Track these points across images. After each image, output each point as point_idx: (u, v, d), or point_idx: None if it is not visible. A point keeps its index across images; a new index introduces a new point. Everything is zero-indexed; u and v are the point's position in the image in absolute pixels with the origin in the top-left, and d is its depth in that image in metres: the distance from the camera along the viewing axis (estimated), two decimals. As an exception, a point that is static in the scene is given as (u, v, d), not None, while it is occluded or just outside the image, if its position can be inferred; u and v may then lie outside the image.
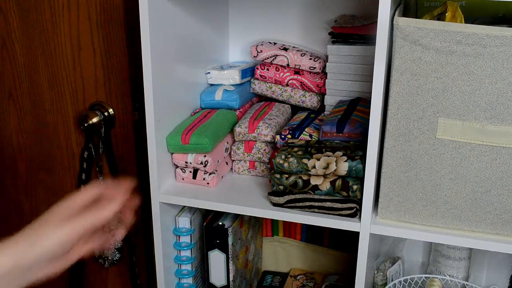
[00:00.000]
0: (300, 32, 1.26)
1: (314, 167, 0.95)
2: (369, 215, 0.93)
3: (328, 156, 0.95)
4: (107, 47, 1.31)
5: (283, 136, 1.07)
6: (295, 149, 0.99)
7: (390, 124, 0.88)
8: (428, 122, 0.86)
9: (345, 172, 0.94)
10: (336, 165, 0.94)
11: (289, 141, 1.06)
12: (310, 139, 1.07)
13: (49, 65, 1.37)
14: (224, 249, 1.12)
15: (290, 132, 1.08)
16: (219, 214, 1.16)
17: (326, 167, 0.94)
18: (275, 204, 0.99)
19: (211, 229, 1.12)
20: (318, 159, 0.95)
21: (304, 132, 1.08)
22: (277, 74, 1.20)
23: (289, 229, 1.34)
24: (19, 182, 1.52)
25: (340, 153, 0.96)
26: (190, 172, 1.09)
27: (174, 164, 1.10)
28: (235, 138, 1.12)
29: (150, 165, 1.04)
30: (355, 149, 0.98)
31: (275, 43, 1.23)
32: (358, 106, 1.09)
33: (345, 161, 0.94)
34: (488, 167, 0.86)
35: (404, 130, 0.87)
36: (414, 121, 0.86)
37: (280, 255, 1.37)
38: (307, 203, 0.97)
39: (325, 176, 0.95)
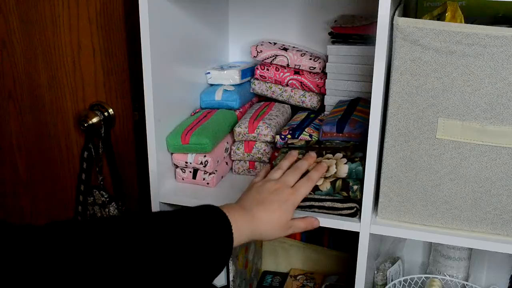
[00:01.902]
0: (300, 32, 1.26)
1: (314, 167, 0.95)
2: (369, 215, 0.93)
3: (328, 159, 0.95)
4: (107, 47, 1.31)
5: (283, 136, 1.07)
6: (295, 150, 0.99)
7: (390, 124, 0.88)
8: (428, 122, 0.86)
9: (345, 175, 0.94)
10: (336, 168, 0.94)
11: (289, 141, 1.06)
12: (310, 139, 1.07)
13: (49, 65, 1.37)
14: (224, 249, 1.12)
15: (290, 132, 1.08)
16: (219, 214, 1.16)
17: (327, 170, 0.94)
18: (275, 204, 0.99)
19: (211, 229, 1.12)
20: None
21: (304, 132, 1.08)
22: (277, 74, 1.20)
23: (289, 229, 1.33)
24: (19, 182, 1.52)
25: (340, 155, 0.96)
26: (190, 172, 1.09)
27: (174, 164, 1.10)
28: (235, 138, 1.12)
29: (150, 165, 1.04)
30: (355, 149, 0.98)
31: (275, 43, 1.23)
32: (358, 106, 1.09)
33: (345, 163, 0.94)
34: (488, 167, 0.86)
35: (404, 130, 0.87)
36: (414, 121, 0.86)
37: (280, 255, 1.36)
38: (307, 203, 0.96)
39: (325, 177, 0.95)
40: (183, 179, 1.10)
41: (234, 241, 0.76)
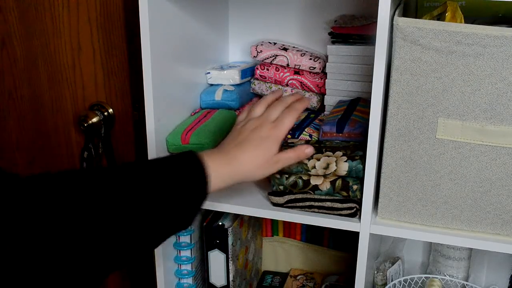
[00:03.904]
0: (300, 32, 1.26)
1: (314, 167, 0.95)
2: (369, 215, 0.93)
3: (328, 156, 0.95)
4: (107, 47, 1.31)
5: (283, 136, 1.07)
6: (295, 149, 0.99)
7: (390, 124, 0.88)
8: (428, 122, 0.86)
9: (345, 173, 0.94)
10: (336, 165, 0.94)
11: (289, 141, 1.06)
12: (310, 139, 1.07)
13: (49, 65, 1.37)
14: (224, 249, 1.12)
15: (290, 132, 1.08)
16: (219, 214, 1.16)
17: (326, 167, 0.94)
18: (275, 204, 0.99)
19: (211, 229, 1.12)
20: (318, 159, 0.95)
21: (304, 132, 1.08)
22: (277, 74, 1.20)
23: (289, 229, 1.34)
24: (19, 182, 1.52)
25: (340, 153, 0.96)
26: (190, 172, 1.09)
27: (174, 164, 1.10)
28: (235, 138, 1.12)
29: (150, 165, 1.04)
30: (355, 149, 0.98)
31: (275, 43, 1.23)
32: (358, 106, 1.09)
33: (345, 161, 0.94)
34: (488, 167, 0.86)
35: (404, 130, 0.87)
36: (414, 121, 0.86)
37: (280, 255, 1.37)
38: (307, 203, 0.96)
39: (325, 176, 0.95)
40: (183, 179, 1.10)
41: (212, 184, 0.75)
